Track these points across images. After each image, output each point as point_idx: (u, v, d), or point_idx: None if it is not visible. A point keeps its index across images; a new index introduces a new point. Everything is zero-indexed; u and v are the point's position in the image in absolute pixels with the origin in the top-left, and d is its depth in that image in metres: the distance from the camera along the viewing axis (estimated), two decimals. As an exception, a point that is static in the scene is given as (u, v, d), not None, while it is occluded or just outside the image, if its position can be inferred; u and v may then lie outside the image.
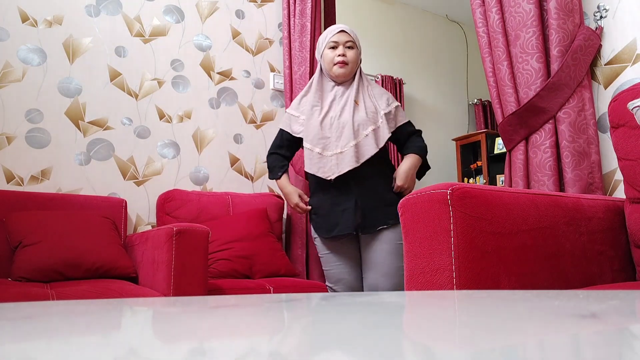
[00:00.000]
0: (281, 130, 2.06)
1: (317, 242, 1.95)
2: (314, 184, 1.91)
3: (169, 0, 2.85)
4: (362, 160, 1.77)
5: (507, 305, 0.51)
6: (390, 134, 1.85)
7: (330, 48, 1.83)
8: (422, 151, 1.93)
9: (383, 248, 1.80)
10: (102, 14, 2.65)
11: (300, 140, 1.94)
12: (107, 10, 2.67)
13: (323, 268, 1.94)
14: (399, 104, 1.97)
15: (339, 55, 1.81)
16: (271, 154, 2.08)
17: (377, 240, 1.82)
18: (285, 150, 2.04)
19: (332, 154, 1.78)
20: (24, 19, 2.46)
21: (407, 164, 1.85)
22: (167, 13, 2.84)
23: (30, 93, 2.43)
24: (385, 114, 1.85)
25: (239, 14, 3.06)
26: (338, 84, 1.88)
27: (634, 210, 1.33)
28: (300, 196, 1.97)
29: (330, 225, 1.85)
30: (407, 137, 1.94)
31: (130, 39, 2.71)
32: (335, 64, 1.81)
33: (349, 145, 1.76)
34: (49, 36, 2.50)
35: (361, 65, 1.95)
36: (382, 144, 1.81)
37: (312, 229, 1.97)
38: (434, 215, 1.03)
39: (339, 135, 1.78)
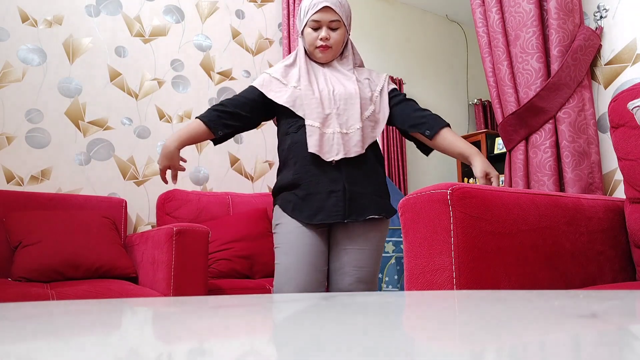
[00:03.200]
0: (252, 89, 1.61)
1: (282, 229, 1.57)
2: (292, 159, 1.56)
3: (169, 0, 2.85)
4: (366, 146, 1.52)
5: (507, 305, 0.51)
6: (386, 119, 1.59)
7: (313, 29, 1.55)
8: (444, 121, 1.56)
9: (367, 249, 1.52)
10: (102, 14, 2.65)
11: (273, 111, 1.63)
12: (107, 10, 2.67)
13: (276, 262, 1.58)
14: (388, 76, 1.68)
15: (321, 39, 1.54)
16: (218, 108, 1.57)
17: (359, 238, 1.52)
18: (244, 112, 1.57)
19: (333, 132, 1.50)
20: (24, 19, 2.45)
21: (466, 145, 1.50)
22: (167, 13, 2.84)
23: (30, 93, 2.43)
24: (381, 90, 1.60)
25: (239, 14, 3.06)
26: (323, 63, 1.63)
27: (634, 210, 1.33)
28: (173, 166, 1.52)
29: (313, 208, 1.52)
30: (404, 105, 1.59)
31: (130, 39, 2.71)
32: (317, 47, 1.56)
33: (354, 127, 1.51)
34: (49, 36, 2.50)
35: (350, 38, 1.67)
36: (382, 127, 1.57)
37: (278, 212, 1.60)
38: (434, 215, 1.03)
39: (340, 113, 1.53)
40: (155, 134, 2.71)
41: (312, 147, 1.49)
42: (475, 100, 5.82)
